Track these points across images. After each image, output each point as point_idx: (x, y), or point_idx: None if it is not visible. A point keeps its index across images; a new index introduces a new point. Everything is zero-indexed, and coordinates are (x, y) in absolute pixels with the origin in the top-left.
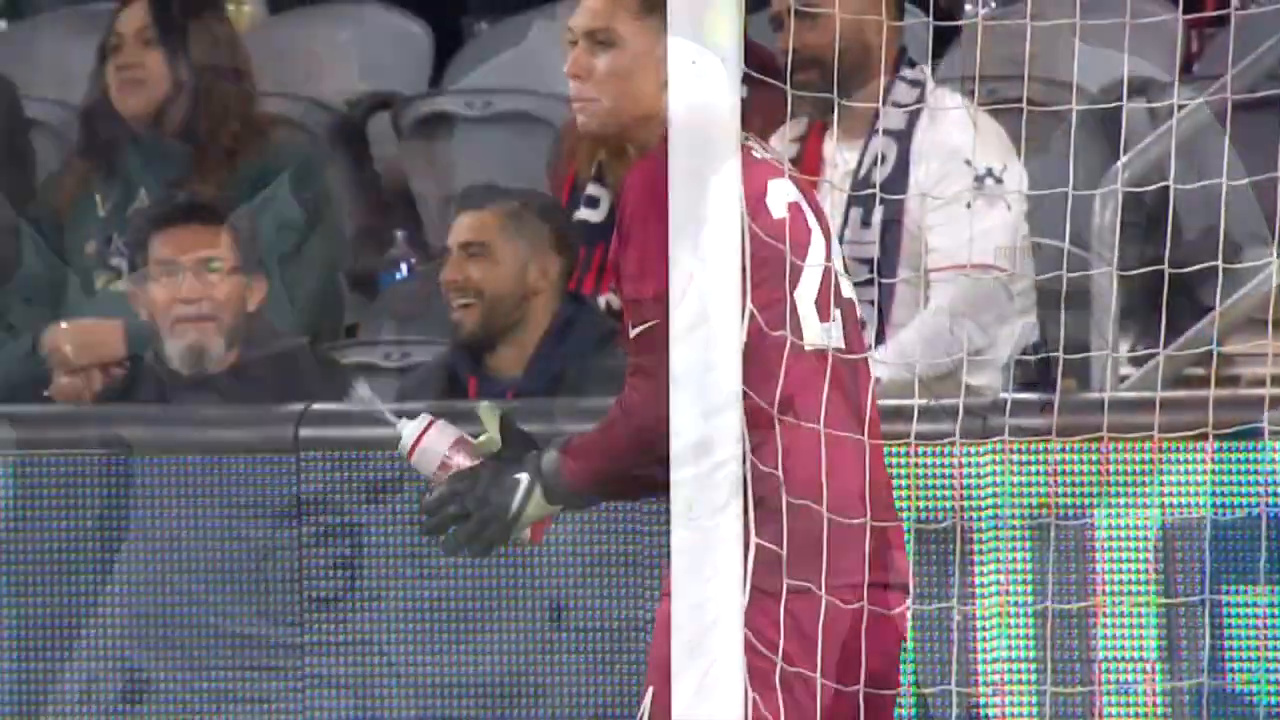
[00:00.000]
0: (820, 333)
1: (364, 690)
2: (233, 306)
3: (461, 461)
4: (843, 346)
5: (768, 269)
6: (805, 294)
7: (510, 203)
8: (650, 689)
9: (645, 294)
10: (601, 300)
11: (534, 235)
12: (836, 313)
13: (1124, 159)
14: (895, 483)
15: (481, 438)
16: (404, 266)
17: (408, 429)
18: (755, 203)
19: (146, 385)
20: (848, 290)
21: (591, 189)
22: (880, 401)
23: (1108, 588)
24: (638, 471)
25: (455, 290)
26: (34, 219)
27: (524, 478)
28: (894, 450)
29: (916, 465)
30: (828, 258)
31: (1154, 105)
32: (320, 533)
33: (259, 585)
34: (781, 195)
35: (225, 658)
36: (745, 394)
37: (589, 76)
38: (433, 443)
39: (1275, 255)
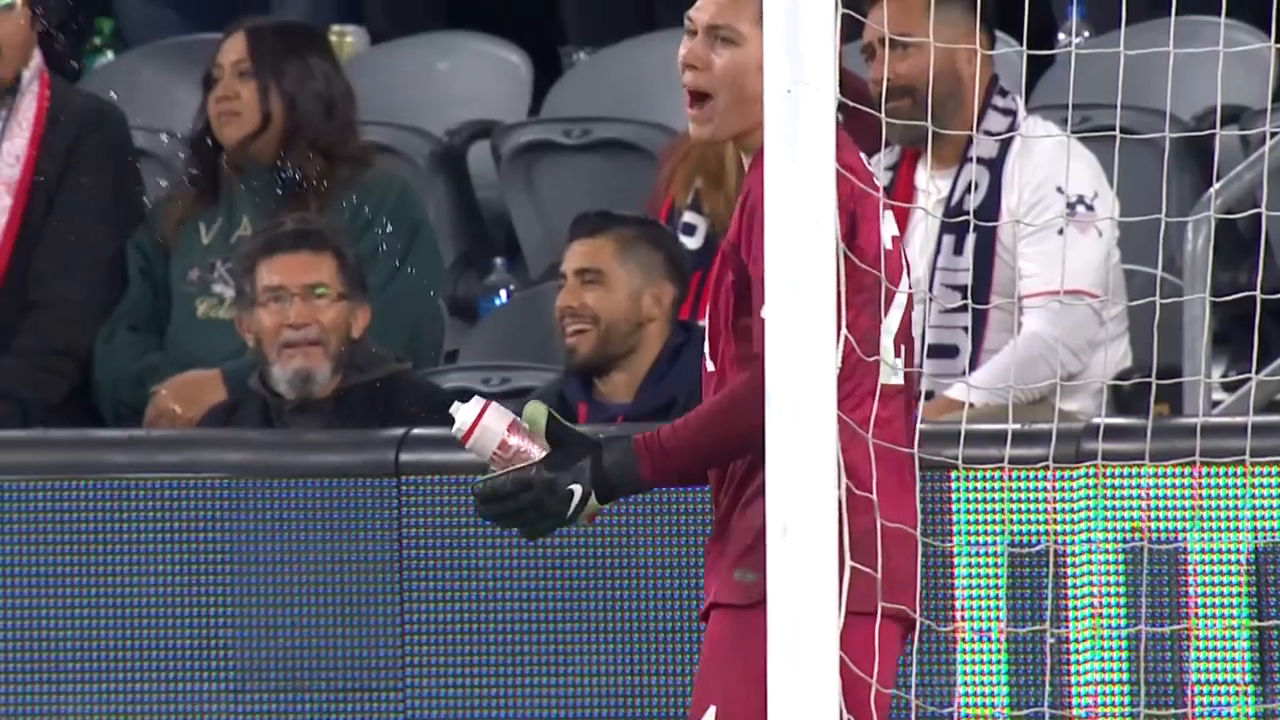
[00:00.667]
0: (891, 367)
1: (465, 713)
2: (339, 332)
3: (518, 443)
4: (902, 383)
5: (867, 294)
6: (889, 327)
7: (625, 230)
8: (713, 708)
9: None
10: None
11: (647, 262)
12: (902, 348)
13: (1216, 186)
14: (991, 506)
15: (528, 412)
16: (503, 293)
17: (463, 412)
18: (874, 225)
19: (250, 409)
20: (914, 329)
21: (688, 216)
22: (974, 426)
23: (1200, 611)
24: (738, 455)
25: (570, 316)
26: (140, 247)
27: (577, 489)
28: (988, 474)
29: (1010, 489)
30: (910, 294)
31: (1246, 133)
32: (420, 556)
33: (360, 608)
34: (889, 226)
35: (326, 680)
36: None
37: (705, 68)
38: (491, 423)
39: None
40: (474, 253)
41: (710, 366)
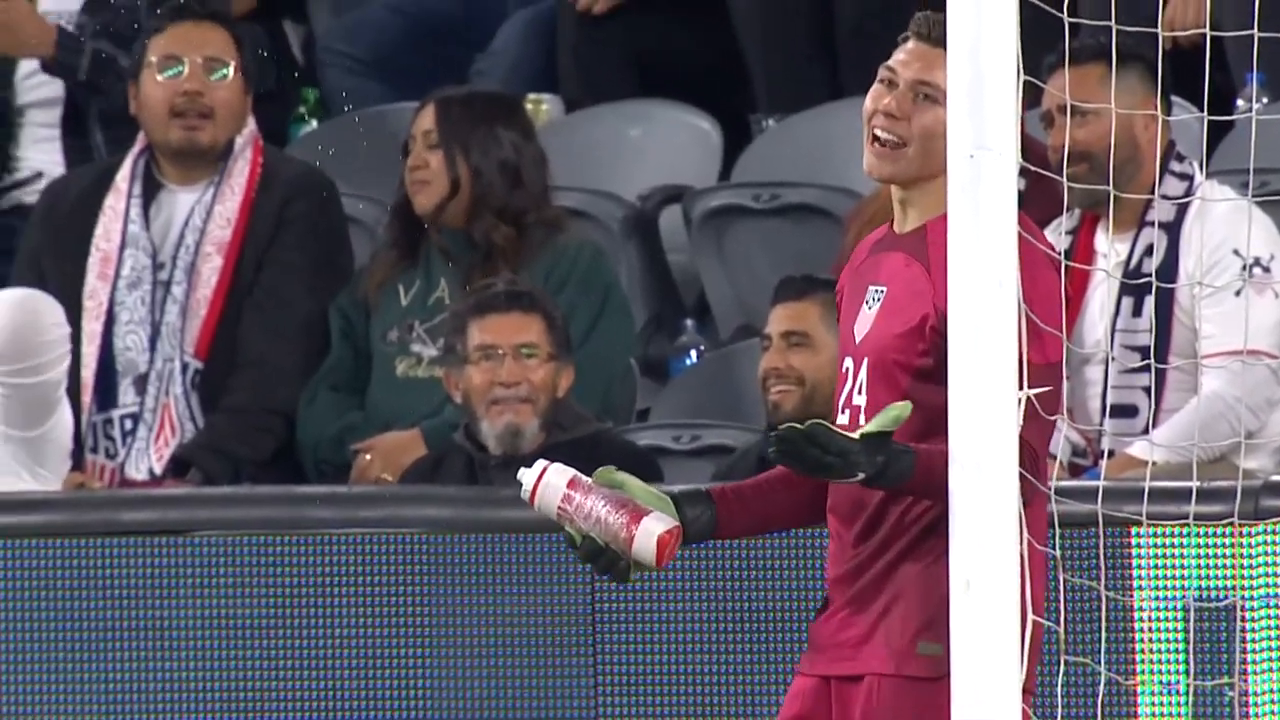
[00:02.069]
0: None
1: None
2: (547, 391)
3: (580, 498)
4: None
5: (1055, 367)
6: None
7: (829, 294)
8: None
9: (1036, 360)
10: None
11: None
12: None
13: None
14: (1172, 561)
15: (600, 470)
16: (693, 353)
17: (528, 475)
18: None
19: (454, 464)
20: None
21: None
22: (1156, 483)
23: None
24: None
25: (775, 378)
26: (341, 309)
27: (860, 475)
28: (1170, 530)
29: (1194, 545)
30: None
31: None
32: (613, 610)
33: (554, 661)
34: None
35: None
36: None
37: (905, 118)
38: (552, 480)
39: None
40: (665, 314)
41: (843, 419)
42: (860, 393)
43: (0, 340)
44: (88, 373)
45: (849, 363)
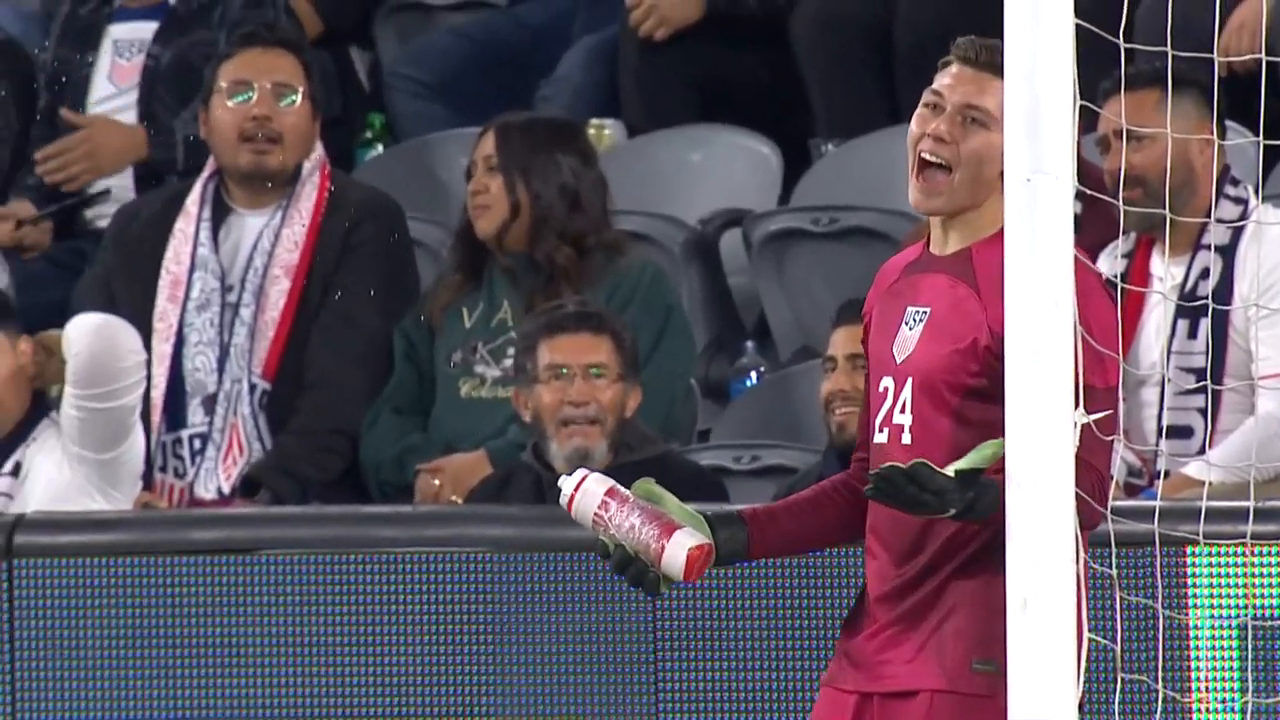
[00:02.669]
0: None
1: None
2: (615, 411)
3: (616, 508)
4: None
5: (1112, 393)
6: None
7: None
8: None
9: (1098, 384)
10: None
11: None
12: None
13: None
14: (1228, 580)
15: (638, 483)
16: (753, 374)
17: (568, 482)
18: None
19: (522, 482)
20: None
21: None
22: (1212, 503)
23: None
24: None
25: (841, 400)
26: (405, 332)
27: (952, 510)
28: (1225, 549)
29: (1250, 564)
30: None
31: None
32: (673, 627)
33: (616, 676)
34: None
35: None
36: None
37: (954, 142)
38: (590, 488)
39: None
40: (725, 336)
41: (880, 438)
42: (903, 411)
43: (78, 366)
44: (157, 393)
45: (888, 382)
